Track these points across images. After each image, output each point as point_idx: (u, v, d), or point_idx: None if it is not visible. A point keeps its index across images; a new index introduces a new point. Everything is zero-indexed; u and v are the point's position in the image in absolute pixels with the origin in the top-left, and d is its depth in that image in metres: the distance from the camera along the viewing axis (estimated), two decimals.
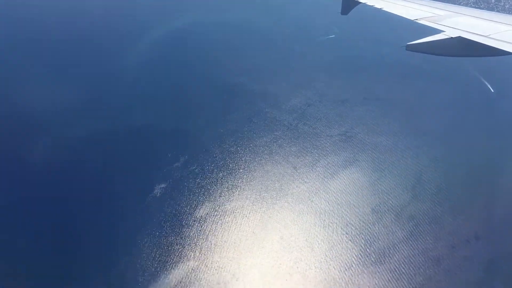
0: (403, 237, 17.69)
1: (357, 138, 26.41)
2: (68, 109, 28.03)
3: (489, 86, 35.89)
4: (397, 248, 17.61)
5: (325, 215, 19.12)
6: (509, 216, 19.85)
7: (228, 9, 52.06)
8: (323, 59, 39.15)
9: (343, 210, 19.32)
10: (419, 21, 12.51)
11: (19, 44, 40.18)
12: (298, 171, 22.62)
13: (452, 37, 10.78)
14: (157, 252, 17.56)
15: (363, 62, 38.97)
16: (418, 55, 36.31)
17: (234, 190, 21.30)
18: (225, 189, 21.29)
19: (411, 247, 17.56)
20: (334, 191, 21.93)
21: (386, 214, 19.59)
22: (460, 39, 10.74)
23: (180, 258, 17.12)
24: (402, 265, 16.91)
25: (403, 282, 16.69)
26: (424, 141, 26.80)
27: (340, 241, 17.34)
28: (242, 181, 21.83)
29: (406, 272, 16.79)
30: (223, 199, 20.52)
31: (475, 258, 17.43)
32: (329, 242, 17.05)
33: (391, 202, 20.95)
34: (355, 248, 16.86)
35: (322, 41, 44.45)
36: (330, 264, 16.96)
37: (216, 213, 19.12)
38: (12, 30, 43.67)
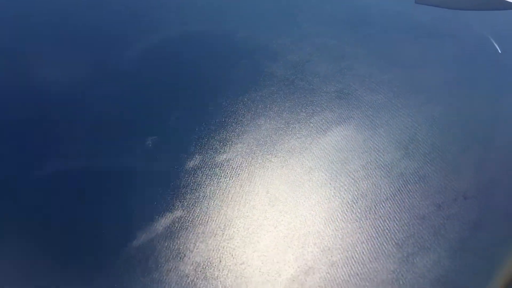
0: (390, 194, 17.39)
1: (354, 95, 25.00)
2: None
3: (497, 46, 35.53)
4: (384, 204, 17.36)
5: (314, 170, 18.25)
6: (499, 176, 19.28)
7: None
8: (327, 13, 37.90)
9: (332, 166, 18.51)
10: None
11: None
12: (291, 126, 21.58)
13: None
14: (143, 201, 16.95)
15: (368, 17, 36.45)
16: (426, 13, 35.12)
17: (225, 143, 20.90)
18: (216, 142, 20.65)
19: (398, 205, 17.25)
20: (325, 147, 20.95)
21: (376, 170, 18.81)
22: None
23: (167, 208, 16.95)
24: (387, 221, 16.80)
25: (385, 238, 16.38)
26: (423, 99, 25.45)
27: (327, 196, 16.89)
28: (234, 135, 21.38)
29: (389, 228, 16.72)
30: (213, 152, 20.23)
31: (460, 217, 17.11)
32: (315, 197, 16.48)
33: (382, 159, 20.03)
34: (342, 203, 16.14)
35: None
36: (315, 218, 16.60)
37: (205, 165, 19.85)
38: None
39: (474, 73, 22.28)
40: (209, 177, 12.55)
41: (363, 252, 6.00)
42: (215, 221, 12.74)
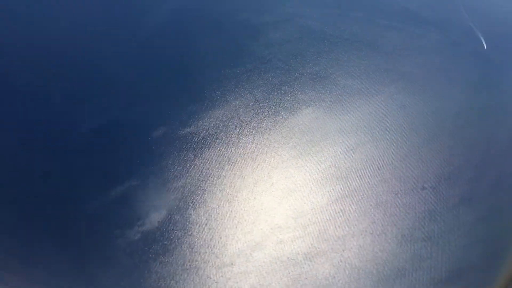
0: (349, 178, 18.15)
1: (329, 79, 25.27)
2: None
3: (483, 41, 34.99)
4: (342, 188, 18.02)
5: (278, 149, 18.99)
6: (460, 168, 19.95)
7: None
8: None
9: (297, 147, 19.08)
10: None
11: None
12: (260, 104, 22.27)
13: None
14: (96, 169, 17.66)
15: (356, 2, 36.78)
16: (418, 1, 35.13)
17: (191, 117, 21.22)
18: (183, 114, 20.85)
19: (354, 189, 17.93)
20: (292, 128, 21.51)
21: (339, 153, 19.55)
22: None
23: (123, 176, 18.21)
24: (341, 205, 17.47)
25: (337, 221, 17.20)
26: (397, 87, 25.99)
27: (287, 175, 17.50)
28: (201, 109, 21.53)
29: (343, 211, 17.39)
30: (179, 124, 20.49)
31: (417, 206, 17.79)
32: (276, 176, 17.10)
33: (347, 142, 20.63)
34: (301, 183, 16.94)
35: None
36: (270, 196, 17.47)
37: (169, 137, 20.24)
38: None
39: (454, 66, 22.76)
40: (172, 147, 12.91)
41: (313, 233, 6.32)
42: (169, 193, 12.97)
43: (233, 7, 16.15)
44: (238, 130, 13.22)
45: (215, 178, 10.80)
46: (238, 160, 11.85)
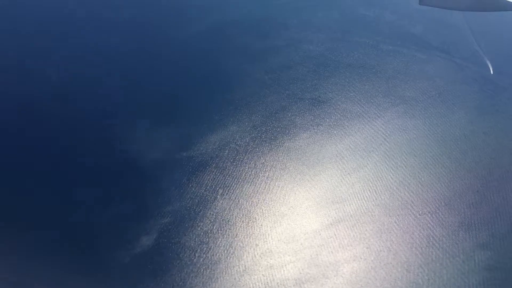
0: (343, 199, 18.15)
1: (328, 103, 25.61)
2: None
3: (489, 65, 34.99)
4: (336, 206, 18.15)
5: (273, 173, 19.42)
6: (460, 193, 19.97)
7: None
8: (320, 20, 38.62)
9: (291, 169, 19.55)
10: None
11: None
12: (257, 129, 22.46)
13: None
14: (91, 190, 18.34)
15: (359, 24, 37.48)
16: (422, 25, 35.71)
17: (188, 140, 21.81)
18: (180, 138, 21.54)
19: (349, 210, 18.06)
20: (287, 152, 22.10)
21: (336, 175, 19.72)
22: None
23: (116, 200, 18.55)
24: (335, 226, 17.59)
25: (329, 236, 17.44)
26: (398, 111, 26.22)
27: (278, 199, 18.11)
28: (198, 133, 22.05)
29: (337, 231, 17.46)
30: (175, 148, 21.07)
31: (415, 232, 18.06)
32: (268, 197, 17.72)
33: (343, 166, 20.87)
34: (297, 206, 17.44)
35: (326, 0, 44.62)
36: (258, 216, 17.97)
37: (164, 160, 21.10)
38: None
39: (458, 90, 22.95)
40: (165, 172, 13.25)
41: (304, 258, 6.53)
42: (162, 217, 13.19)
43: (234, 32, 16.55)
44: (234, 155, 13.50)
45: (208, 202, 11.02)
46: (232, 185, 12.08)
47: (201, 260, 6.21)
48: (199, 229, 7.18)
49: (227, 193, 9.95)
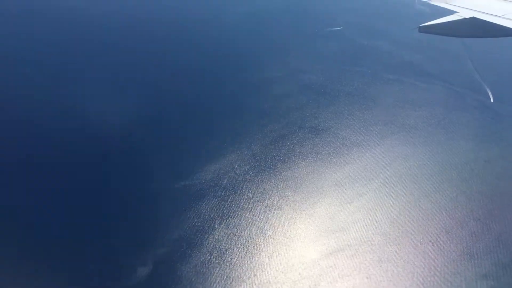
0: (342, 227, 18.66)
1: (328, 132, 26.96)
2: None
3: (490, 94, 33.78)
4: (336, 234, 18.61)
5: (272, 202, 19.28)
6: (462, 222, 20.65)
7: None
8: (320, 51, 38.73)
9: (290, 198, 19.84)
10: (432, 2, 12.87)
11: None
12: (256, 158, 23.71)
13: (465, 18, 11.19)
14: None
15: (358, 54, 38.27)
16: (421, 54, 37.26)
17: (188, 169, 21.63)
18: (180, 167, 21.60)
19: (355, 247, 18.52)
20: (286, 181, 23.13)
21: (335, 204, 20.51)
22: (473, 20, 11.11)
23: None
24: (343, 261, 18.01)
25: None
26: (398, 139, 27.54)
27: (276, 231, 18.93)
28: (198, 162, 22.26)
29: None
30: (174, 176, 20.81)
31: (416, 261, 18.50)
32: (267, 230, 18.80)
33: (342, 194, 21.76)
34: (294, 232, 16.42)
35: (326, 32, 43.40)
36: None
37: (163, 189, 22.33)
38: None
39: (459, 118, 23.38)
40: (164, 201, 13.77)
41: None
42: (159, 246, 13.57)
43: (234, 63, 17.94)
44: (233, 184, 13.82)
45: (206, 232, 11.20)
46: (230, 214, 12.26)
47: None
48: (196, 259, 7.36)
49: (225, 223, 10.13)
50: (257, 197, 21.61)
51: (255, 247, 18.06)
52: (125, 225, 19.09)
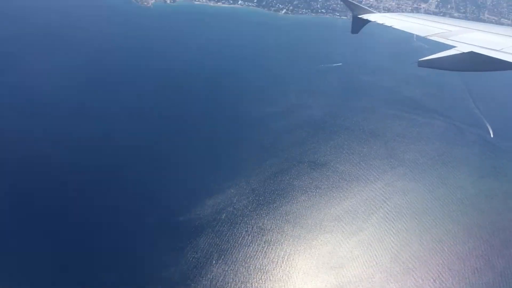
0: (343, 262, 18.71)
1: (327, 166, 27.50)
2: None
3: (490, 129, 34.36)
4: (346, 266, 18.76)
5: (270, 237, 19.56)
6: (463, 258, 20.56)
7: (232, 30, 53.98)
8: (320, 87, 39.10)
9: (290, 234, 19.75)
10: (430, 37, 13.01)
11: None
12: (255, 192, 24.00)
13: (464, 52, 11.29)
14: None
15: (360, 92, 38.82)
16: (420, 89, 37.62)
17: (186, 204, 22.09)
18: (178, 202, 21.96)
19: (354, 284, 18.48)
20: (285, 215, 23.33)
21: (333, 242, 20.57)
22: (472, 54, 11.21)
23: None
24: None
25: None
26: (398, 173, 25.47)
27: (273, 267, 17.40)
28: (196, 197, 22.37)
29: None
30: (172, 212, 21.20)
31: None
32: (265, 266, 17.15)
33: (341, 229, 21.88)
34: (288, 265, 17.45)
35: (327, 68, 43.88)
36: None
37: (161, 225, 20.36)
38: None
39: (459, 153, 23.50)
40: (162, 236, 13.98)
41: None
42: (155, 284, 13.57)
43: (234, 99, 18.39)
44: (231, 219, 13.90)
45: (204, 268, 11.20)
46: (228, 249, 12.26)
47: None
48: None
49: (223, 258, 10.13)
50: (255, 232, 21.54)
51: (253, 284, 17.98)
52: (121, 260, 19.13)
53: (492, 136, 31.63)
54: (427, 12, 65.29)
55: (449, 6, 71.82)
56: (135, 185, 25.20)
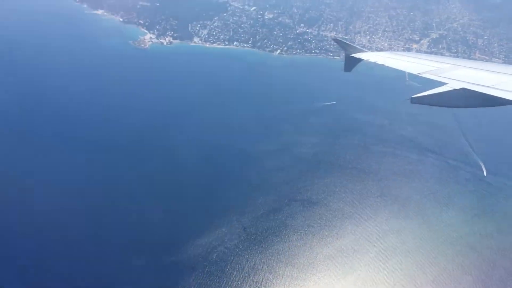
0: None
1: (320, 204, 26.09)
2: None
3: (483, 166, 34.45)
4: None
5: (261, 277, 19.11)
6: None
7: (227, 70, 54.41)
8: (314, 125, 39.55)
9: (281, 274, 19.23)
10: (422, 75, 13.22)
11: None
12: (247, 231, 23.95)
13: (455, 89, 11.50)
14: None
15: (353, 130, 38.92)
16: (413, 127, 38.03)
17: (177, 244, 21.67)
18: (169, 242, 21.73)
19: None
20: (276, 255, 23.89)
21: (325, 283, 20.37)
22: (463, 91, 11.42)
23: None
24: None
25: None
26: (392, 211, 25.39)
27: None
28: (187, 236, 22.23)
29: None
30: (162, 252, 20.99)
31: None
32: None
33: (334, 269, 21.71)
34: None
35: (320, 107, 44.52)
36: None
37: (151, 265, 19.94)
38: None
39: (452, 191, 23.66)
40: (152, 277, 13.96)
41: None
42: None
43: (231, 137, 18.78)
44: (222, 259, 13.93)
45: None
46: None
47: None
48: None
49: None
50: (246, 272, 21.38)
51: None
52: None
53: (485, 174, 31.45)
54: (419, 52, 66.79)
55: (440, 46, 73.80)
56: (124, 225, 24.04)
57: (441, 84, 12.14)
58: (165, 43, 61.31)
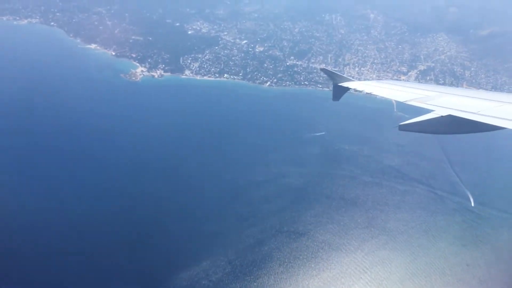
0: None
1: (306, 236, 27.76)
2: None
3: (470, 196, 34.44)
4: None
5: None
6: None
7: (216, 102, 55.19)
8: (302, 156, 39.50)
9: None
10: (409, 102, 13.39)
11: None
12: (232, 264, 23.74)
13: (442, 116, 11.64)
14: None
15: (341, 160, 38.95)
16: (401, 157, 38.29)
17: (158, 278, 21.20)
18: (149, 275, 21.18)
19: None
20: (262, 287, 21.72)
21: None
22: (450, 117, 11.57)
23: None
24: None
25: None
26: (378, 242, 25.28)
27: None
28: (169, 269, 21.47)
29: None
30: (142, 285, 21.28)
31: None
32: None
33: None
34: None
35: (310, 137, 44.57)
36: None
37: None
38: None
39: (440, 221, 23.76)
40: None
41: None
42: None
43: (220, 168, 19.03)
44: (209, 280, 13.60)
45: None
46: None
47: None
48: None
49: None
50: None
51: None
52: None
53: (472, 204, 31.60)
54: None
55: (428, 78, 75.00)
56: (107, 256, 23.76)
57: (428, 111, 12.37)
58: (156, 76, 61.66)
